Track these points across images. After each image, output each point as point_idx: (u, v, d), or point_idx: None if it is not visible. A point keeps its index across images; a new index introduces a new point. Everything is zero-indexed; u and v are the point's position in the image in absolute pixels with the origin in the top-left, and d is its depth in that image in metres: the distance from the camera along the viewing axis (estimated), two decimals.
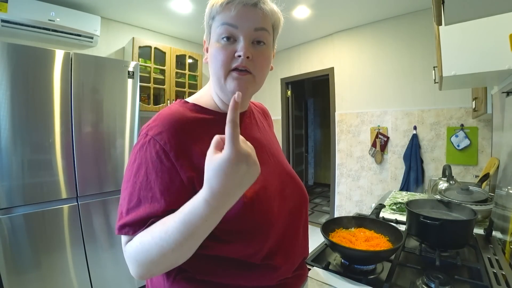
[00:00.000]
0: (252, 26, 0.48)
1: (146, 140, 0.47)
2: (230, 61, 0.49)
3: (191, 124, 0.50)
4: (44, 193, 1.51)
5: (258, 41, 0.50)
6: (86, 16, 2.10)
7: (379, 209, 1.12)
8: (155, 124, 0.48)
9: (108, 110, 1.78)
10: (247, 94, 0.53)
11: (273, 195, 0.54)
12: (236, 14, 0.47)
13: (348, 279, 0.67)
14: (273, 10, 0.52)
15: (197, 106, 0.54)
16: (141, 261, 0.42)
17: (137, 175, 0.46)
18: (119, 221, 0.46)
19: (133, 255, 0.43)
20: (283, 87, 3.55)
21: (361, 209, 2.80)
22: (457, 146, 2.15)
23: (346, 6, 2.33)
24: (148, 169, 0.45)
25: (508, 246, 0.81)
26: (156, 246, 0.39)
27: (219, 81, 0.51)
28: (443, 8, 0.57)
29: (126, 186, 0.47)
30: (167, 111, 0.50)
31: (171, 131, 0.47)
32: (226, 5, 0.48)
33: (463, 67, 0.99)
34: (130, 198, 0.46)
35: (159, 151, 0.45)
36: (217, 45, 0.49)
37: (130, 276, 1.85)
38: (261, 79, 0.53)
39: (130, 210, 0.45)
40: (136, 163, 0.47)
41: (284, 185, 0.59)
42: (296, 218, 0.60)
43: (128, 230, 0.45)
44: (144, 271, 0.43)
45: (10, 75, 1.40)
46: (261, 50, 0.51)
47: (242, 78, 0.49)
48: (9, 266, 1.39)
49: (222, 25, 0.48)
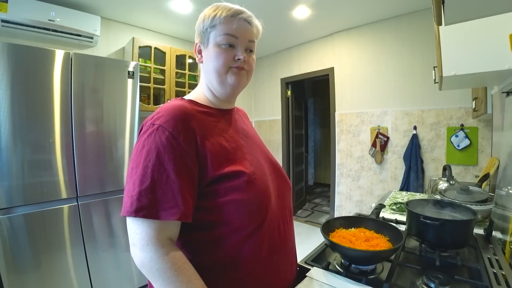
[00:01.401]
0: (247, 38, 0.61)
1: (154, 128, 0.51)
2: (231, 61, 0.60)
3: (192, 113, 0.56)
4: (44, 193, 1.51)
5: (250, 50, 0.63)
6: (86, 16, 2.09)
7: (379, 209, 1.12)
8: (160, 115, 0.53)
9: (108, 110, 1.78)
10: (242, 85, 0.63)
11: (265, 175, 0.62)
12: (237, 27, 0.59)
13: (348, 279, 0.67)
14: (258, 26, 0.65)
15: (192, 101, 0.62)
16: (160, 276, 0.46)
17: (148, 159, 0.49)
18: (132, 204, 0.47)
19: (163, 267, 0.46)
20: (283, 87, 3.55)
21: (361, 209, 2.80)
22: (457, 146, 2.15)
23: (346, 6, 2.33)
24: (159, 153, 0.49)
25: (508, 246, 0.81)
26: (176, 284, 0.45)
27: (220, 76, 0.60)
28: (443, 8, 0.57)
29: (135, 171, 0.49)
30: (169, 105, 0.56)
31: (177, 119, 0.52)
32: (230, 18, 0.59)
33: (463, 67, 0.99)
34: (142, 180, 0.48)
35: (169, 136, 0.50)
36: (218, 49, 0.59)
37: (130, 276, 1.85)
38: (250, 76, 0.66)
39: (144, 192, 0.47)
40: (145, 149, 0.50)
41: (271, 170, 0.67)
42: (284, 200, 0.66)
43: (146, 213, 0.46)
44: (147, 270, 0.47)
45: (10, 75, 1.40)
46: (252, 56, 0.64)
47: (239, 72, 0.61)
48: (9, 266, 1.39)
49: (225, 35, 0.59)
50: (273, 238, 0.59)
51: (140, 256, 0.47)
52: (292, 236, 0.68)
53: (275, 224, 0.60)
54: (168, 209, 0.47)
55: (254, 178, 0.57)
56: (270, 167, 0.67)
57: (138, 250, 0.47)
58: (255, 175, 0.58)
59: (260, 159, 0.65)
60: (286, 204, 0.67)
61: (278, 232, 0.61)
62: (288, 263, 0.64)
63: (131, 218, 0.48)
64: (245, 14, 0.60)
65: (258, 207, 0.56)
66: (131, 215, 0.47)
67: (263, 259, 0.57)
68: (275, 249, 0.59)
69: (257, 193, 0.56)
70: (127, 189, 0.49)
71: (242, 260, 0.54)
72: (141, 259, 0.47)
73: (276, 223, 0.60)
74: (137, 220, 0.47)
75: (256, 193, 0.56)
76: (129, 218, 0.48)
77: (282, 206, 0.65)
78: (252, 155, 0.63)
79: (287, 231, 0.65)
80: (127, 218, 0.49)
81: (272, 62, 3.65)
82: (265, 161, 0.67)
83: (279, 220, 0.62)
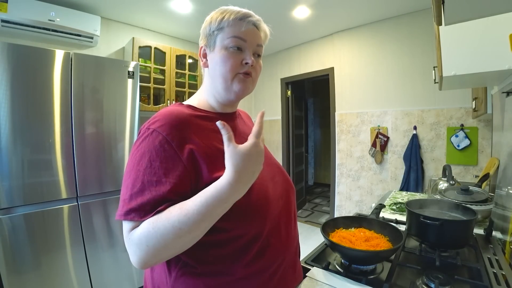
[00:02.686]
0: (255, 42, 0.60)
1: (148, 132, 0.51)
2: (238, 66, 0.58)
3: (188, 118, 0.56)
4: (44, 193, 1.51)
5: (258, 55, 0.62)
6: (86, 16, 2.09)
7: (379, 209, 1.12)
8: (156, 120, 0.53)
9: (108, 110, 1.78)
10: (247, 92, 0.61)
11: (266, 179, 0.61)
12: (246, 31, 0.58)
13: (348, 279, 0.67)
14: (266, 31, 0.64)
15: (191, 106, 0.61)
16: (153, 245, 0.44)
17: (141, 163, 0.49)
18: (123, 208, 0.47)
19: (144, 241, 0.44)
20: (283, 87, 3.55)
21: (361, 209, 2.80)
22: (457, 146, 2.15)
23: (346, 6, 2.33)
24: (151, 157, 0.49)
25: (508, 246, 0.81)
26: (174, 229, 0.43)
27: (225, 82, 0.59)
28: (443, 8, 0.57)
29: (128, 175, 0.49)
30: (166, 110, 0.55)
31: (172, 124, 0.52)
32: (239, 21, 0.57)
33: (463, 67, 0.99)
34: (134, 184, 0.48)
35: (162, 141, 0.50)
36: (225, 52, 0.57)
37: (130, 276, 1.85)
38: (255, 83, 0.65)
39: (135, 195, 0.47)
40: (139, 153, 0.50)
41: (273, 173, 0.66)
42: (287, 204, 0.65)
43: (134, 216, 0.46)
44: (151, 257, 0.45)
45: (10, 75, 1.40)
46: (259, 61, 0.63)
47: (246, 80, 0.60)
48: (9, 266, 1.39)
49: (234, 37, 0.57)
50: (278, 243, 0.58)
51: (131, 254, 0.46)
52: (296, 240, 0.67)
53: (279, 228, 0.59)
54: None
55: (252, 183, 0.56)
56: (273, 171, 0.66)
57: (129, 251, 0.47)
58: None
59: None
60: (290, 208, 0.66)
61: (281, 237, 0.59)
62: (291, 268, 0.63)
63: (123, 222, 0.48)
64: (253, 18, 0.59)
65: (257, 212, 0.55)
66: (121, 218, 0.47)
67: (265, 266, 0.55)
68: (277, 254, 0.58)
69: (255, 198, 0.54)
70: (122, 193, 0.50)
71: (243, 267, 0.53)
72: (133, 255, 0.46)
73: (279, 228, 0.59)
74: (125, 222, 0.48)
75: (253, 198, 0.54)
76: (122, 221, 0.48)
77: (287, 211, 0.64)
78: None
79: (291, 234, 0.64)
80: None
81: (272, 62, 3.65)
82: (267, 164, 0.64)
83: (283, 224, 0.61)
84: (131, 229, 0.47)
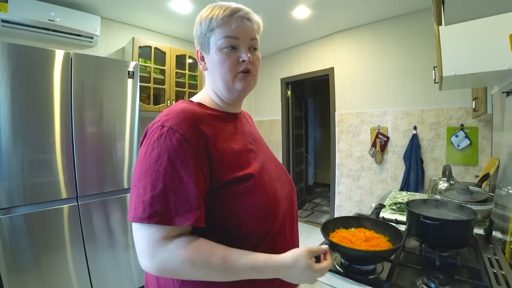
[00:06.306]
0: (249, 36, 0.58)
1: (163, 131, 0.49)
2: (236, 66, 0.58)
3: (201, 116, 0.55)
4: (44, 193, 1.51)
5: (254, 48, 0.61)
6: (86, 16, 2.09)
7: (379, 209, 1.12)
8: (169, 117, 0.51)
9: (108, 110, 1.78)
10: (250, 89, 0.62)
11: (273, 178, 0.61)
12: (236, 27, 0.56)
13: (348, 279, 0.67)
14: (258, 21, 0.62)
15: (202, 104, 0.61)
16: (183, 269, 0.45)
17: (159, 163, 0.47)
18: (145, 210, 0.45)
19: (180, 260, 0.45)
20: (283, 87, 3.55)
21: (361, 209, 2.80)
22: (457, 146, 2.15)
23: (346, 6, 2.33)
24: (171, 156, 0.47)
25: (508, 246, 0.81)
26: (208, 272, 0.46)
27: (226, 84, 0.59)
28: (443, 8, 0.57)
29: (145, 175, 0.47)
30: (178, 107, 0.54)
31: (187, 121, 0.51)
32: (229, 18, 0.56)
33: (463, 67, 0.99)
34: (154, 185, 0.46)
35: (180, 139, 0.48)
36: (220, 54, 0.57)
37: (130, 276, 1.85)
38: (257, 77, 0.64)
39: (157, 197, 0.45)
40: (156, 152, 0.48)
41: (280, 173, 0.67)
42: (291, 204, 0.66)
43: (160, 219, 0.45)
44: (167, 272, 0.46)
45: (10, 75, 1.40)
46: (256, 54, 0.61)
47: (247, 78, 0.59)
48: (9, 266, 1.39)
49: (226, 38, 0.56)
50: (283, 243, 0.58)
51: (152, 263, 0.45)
52: (297, 240, 0.68)
53: (284, 228, 0.60)
54: (182, 214, 0.46)
55: (264, 182, 0.56)
56: (277, 171, 0.66)
57: (148, 258, 0.45)
58: (264, 179, 0.57)
59: (268, 163, 0.64)
60: (293, 208, 0.66)
61: (286, 236, 0.60)
62: None
63: (139, 224, 0.46)
64: (242, 12, 0.57)
65: (268, 211, 0.55)
66: (144, 221, 0.45)
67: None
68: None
69: (267, 197, 0.56)
70: (137, 193, 0.47)
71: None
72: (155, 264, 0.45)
73: (284, 227, 0.60)
74: (146, 226, 0.45)
75: (266, 197, 0.55)
76: (137, 224, 0.46)
77: (291, 210, 0.65)
78: (260, 159, 0.62)
79: (294, 235, 0.65)
80: (135, 224, 0.47)
81: (272, 62, 3.65)
82: (273, 165, 0.66)
83: (287, 224, 0.62)
84: (163, 237, 0.45)
